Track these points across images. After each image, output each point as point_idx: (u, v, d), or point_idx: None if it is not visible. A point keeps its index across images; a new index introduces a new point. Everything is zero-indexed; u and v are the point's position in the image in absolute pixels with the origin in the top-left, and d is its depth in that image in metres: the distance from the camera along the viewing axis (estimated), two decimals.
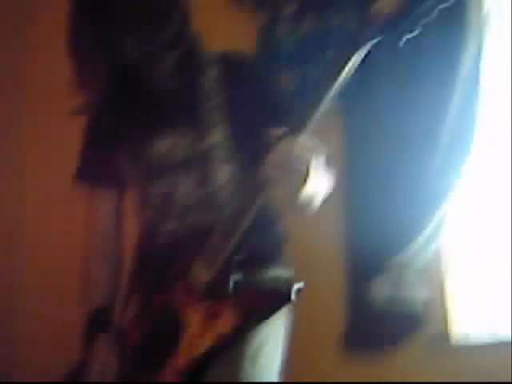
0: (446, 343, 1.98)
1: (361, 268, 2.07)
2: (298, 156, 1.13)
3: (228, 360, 1.29)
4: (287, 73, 2.21)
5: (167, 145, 1.40)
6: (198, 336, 1.30)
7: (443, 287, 2.03)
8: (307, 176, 1.14)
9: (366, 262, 2.05)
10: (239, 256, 1.28)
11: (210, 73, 1.43)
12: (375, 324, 2.04)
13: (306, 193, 1.17)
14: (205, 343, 1.29)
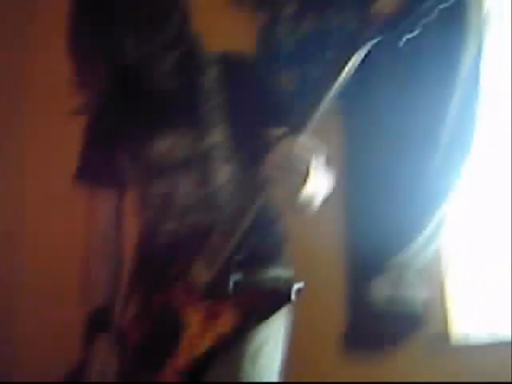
0: (446, 343, 1.98)
1: (361, 268, 2.07)
2: (298, 156, 1.13)
3: (228, 360, 1.29)
4: (287, 73, 2.20)
5: (167, 145, 1.40)
6: (198, 336, 1.30)
7: (443, 287, 2.03)
8: (307, 176, 1.14)
9: (366, 262, 2.05)
10: (239, 256, 1.28)
11: (210, 73, 1.43)
12: (375, 324, 2.04)
13: (306, 193, 1.17)
14: (205, 343, 1.29)
